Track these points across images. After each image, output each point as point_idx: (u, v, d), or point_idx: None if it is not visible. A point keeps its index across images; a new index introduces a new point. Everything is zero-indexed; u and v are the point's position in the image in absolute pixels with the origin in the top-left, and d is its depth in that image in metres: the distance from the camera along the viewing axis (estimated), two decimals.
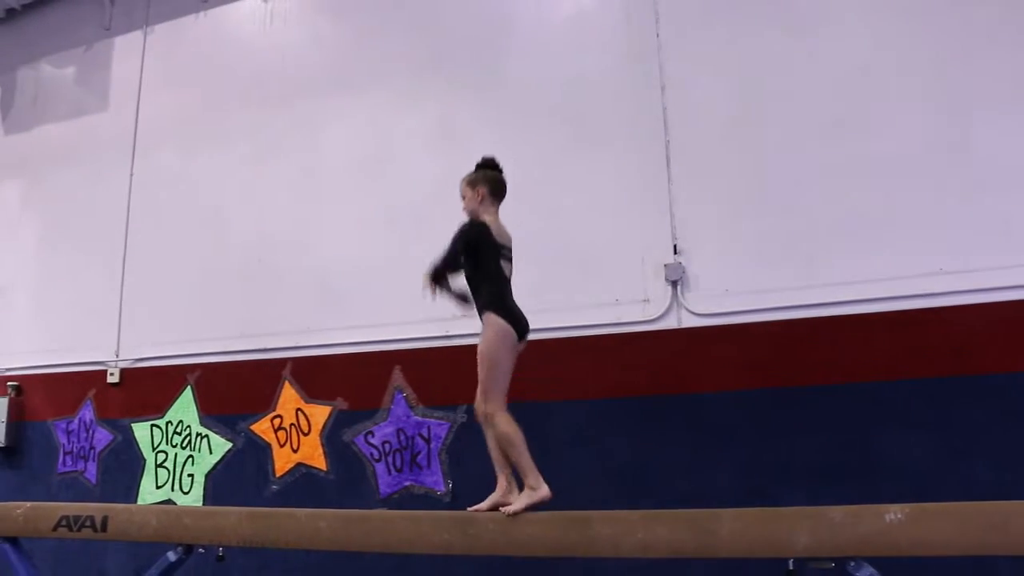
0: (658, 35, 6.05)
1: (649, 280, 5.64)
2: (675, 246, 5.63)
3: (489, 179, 4.17)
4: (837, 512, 3.06)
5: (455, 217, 6.25)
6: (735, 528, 3.18)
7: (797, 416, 5.15)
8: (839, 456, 5.02)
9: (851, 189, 5.33)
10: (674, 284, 5.58)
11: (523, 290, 5.85)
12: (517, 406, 5.70)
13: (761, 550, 3.15)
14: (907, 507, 2.97)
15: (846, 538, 3.00)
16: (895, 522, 2.95)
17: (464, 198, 4.23)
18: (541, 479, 3.75)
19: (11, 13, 9.33)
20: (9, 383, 8.18)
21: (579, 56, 6.29)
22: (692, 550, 3.28)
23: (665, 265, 5.62)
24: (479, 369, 3.86)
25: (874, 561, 3.04)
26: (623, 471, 5.45)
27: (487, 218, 4.08)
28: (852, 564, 3.04)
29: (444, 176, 6.41)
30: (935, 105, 5.29)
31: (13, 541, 5.05)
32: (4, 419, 8.01)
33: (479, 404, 3.94)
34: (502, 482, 3.94)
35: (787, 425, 5.16)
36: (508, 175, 6.14)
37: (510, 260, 4.10)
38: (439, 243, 6.36)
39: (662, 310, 5.60)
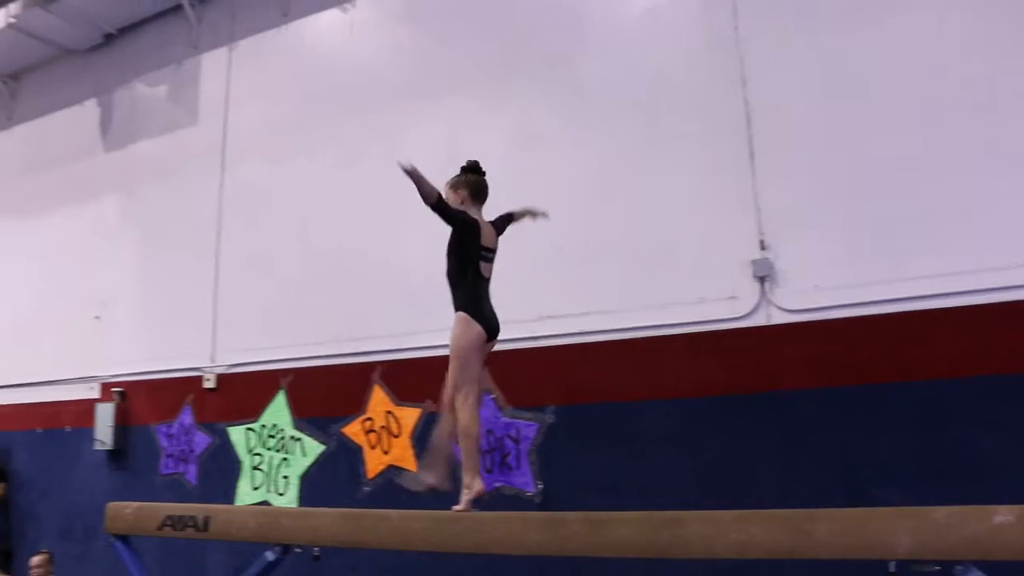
0: (736, 28, 5.92)
1: (736, 277, 5.52)
2: (762, 241, 5.50)
3: (470, 183, 4.34)
4: (940, 513, 2.93)
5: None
6: (832, 529, 3.08)
7: (892, 413, 4.98)
8: (936, 455, 4.83)
9: (942, 178, 5.13)
10: (761, 280, 5.46)
11: (607, 289, 5.86)
12: (604, 407, 5.71)
13: (860, 552, 3.04)
14: (1017, 508, 2.83)
15: (952, 540, 2.87)
16: (1005, 524, 2.82)
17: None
18: (479, 477, 3.99)
19: (108, 38, 9.71)
20: (114, 389, 8.49)
21: (656, 51, 6.20)
22: (787, 551, 3.19)
23: (752, 261, 5.49)
24: (450, 364, 4.05)
25: (983, 565, 2.91)
26: (713, 471, 5.36)
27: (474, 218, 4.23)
28: (960, 568, 2.91)
29: (525, 178, 6.43)
30: None
31: (124, 539, 5.24)
32: (111, 423, 8.34)
33: (447, 395, 4.12)
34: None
35: (882, 423, 5.00)
36: (588, 174, 6.17)
37: (491, 261, 4.27)
38: (521, 244, 6.38)
39: (750, 307, 5.48)
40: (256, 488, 7.35)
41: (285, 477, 7.18)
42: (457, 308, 4.09)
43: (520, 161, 6.49)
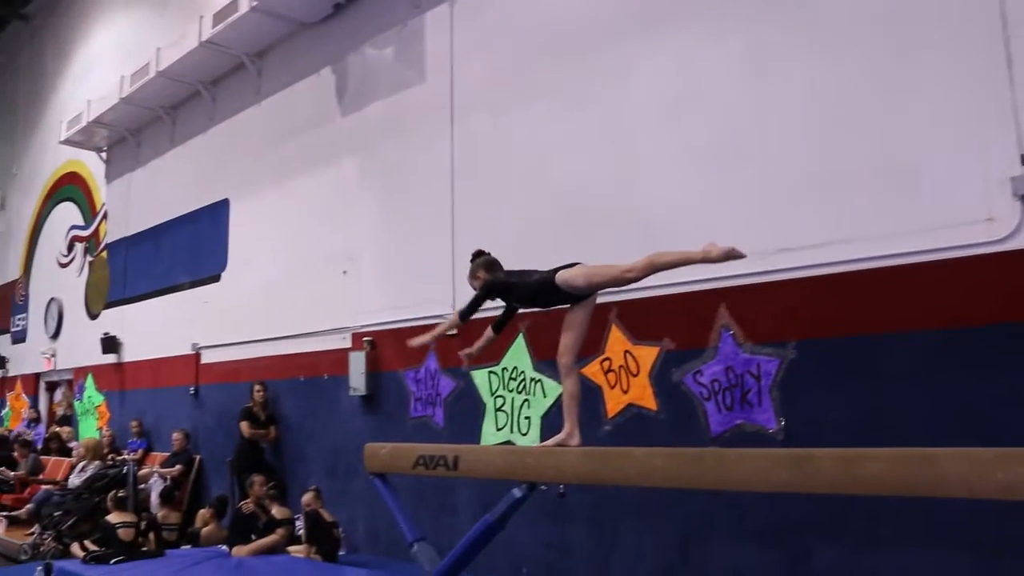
0: None
1: (993, 197, 5.07)
2: (1022, 156, 5.06)
3: (483, 263, 4.97)
4: None
5: (771, 149, 6.11)
6: None
7: None
8: None
9: None
10: (1023, 199, 5.04)
11: (847, 217, 5.63)
12: (849, 341, 5.53)
13: None
14: None
15: None
16: None
17: (474, 277, 5.05)
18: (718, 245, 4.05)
19: (337, 8, 10.29)
20: (365, 339, 9.17)
21: None
22: None
23: (1011, 179, 5.01)
24: (599, 276, 4.54)
25: None
26: (969, 407, 5.03)
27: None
28: None
29: (758, 106, 6.27)
30: None
31: (382, 477, 5.71)
32: (363, 371, 9.02)
33: (627, 276, 4.50)
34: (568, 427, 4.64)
35: None
36: (824, 97, 5.90)
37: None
38: (757, 176, 6.26)
39: (1010, 229, 5.01)
40: (500, 429, 7.73)
41: (527, 418, 7.49)
42: (554, 283, 4.57)
43: (751, 89, 6.30)
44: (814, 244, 5.76)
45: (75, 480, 11.49)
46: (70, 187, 17.10)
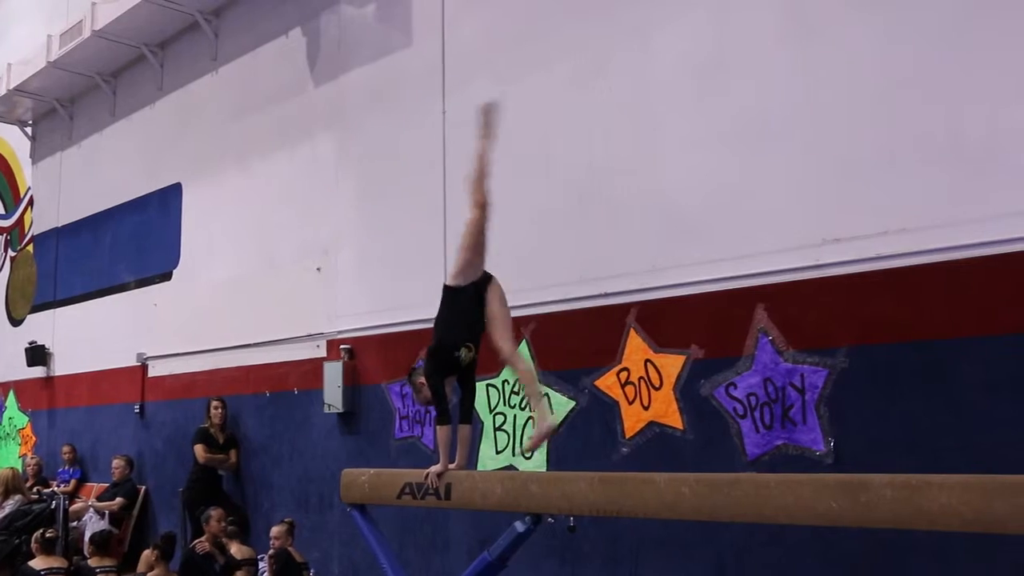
0: None
1: None
2: None
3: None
4: None
5: (819, 122, 6.11)
6: None
7: None
8: None
9: None
10: None
11: (916, 201, 5.63)
12: (913, 347, 5.54)
13: None
14: None
15: None
16: None
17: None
18: None
19: None
20: (342, 347, 9.18)
21: None
22: None
23: None
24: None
25: None
26: None
27: None
28: None
29: (802, 73, 6.28)
30: None
31: (361, 508, 5.72)
32: (340, 384, 9.01)
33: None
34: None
35: None
36: (885, 59, 5.90)
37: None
38: (802, 154, 6.25)
39: None
40: (499, 452, 7.74)
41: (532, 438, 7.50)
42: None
43: (794, 54, 6.32)
44: (871, 233, 5.76)
45: None
46: None
